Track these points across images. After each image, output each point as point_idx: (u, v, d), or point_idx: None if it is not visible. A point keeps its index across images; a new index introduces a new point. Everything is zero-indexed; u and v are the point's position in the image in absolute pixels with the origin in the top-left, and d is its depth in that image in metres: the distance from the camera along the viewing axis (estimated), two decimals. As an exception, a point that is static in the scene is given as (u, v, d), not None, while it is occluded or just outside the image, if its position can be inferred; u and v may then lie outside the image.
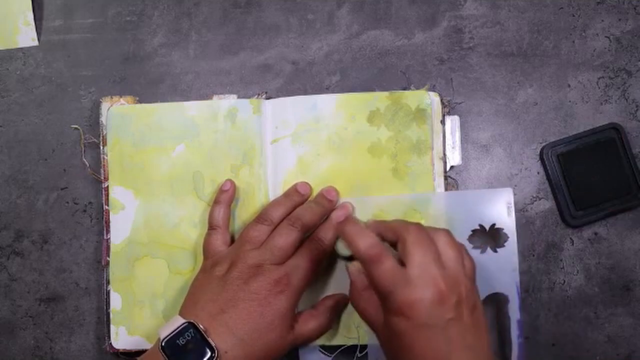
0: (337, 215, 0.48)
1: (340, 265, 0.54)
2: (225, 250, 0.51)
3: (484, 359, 0.42)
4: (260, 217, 0.52)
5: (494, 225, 0.53)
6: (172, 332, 0.45)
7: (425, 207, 0.53)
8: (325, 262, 0.53)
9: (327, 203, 0.53)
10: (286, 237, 0.49)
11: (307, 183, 0.54)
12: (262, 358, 0.47)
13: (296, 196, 0.53)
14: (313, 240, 0.51)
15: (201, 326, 0.45)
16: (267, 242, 0.50)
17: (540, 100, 0.56)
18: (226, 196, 0.54)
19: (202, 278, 0.50)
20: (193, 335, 0.45)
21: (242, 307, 0.47)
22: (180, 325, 0.45)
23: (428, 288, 0.41)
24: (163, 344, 0.45)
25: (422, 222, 0.53)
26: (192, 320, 0.46)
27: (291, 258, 0.49)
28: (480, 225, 0.53)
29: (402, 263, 0.43)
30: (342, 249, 0.49)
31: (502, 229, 0.52)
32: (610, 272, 0.55)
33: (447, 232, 0.44)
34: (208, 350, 0.44)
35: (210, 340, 0.45)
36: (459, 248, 0.44)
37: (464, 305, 0.42)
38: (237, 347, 0.45)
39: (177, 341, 0.45)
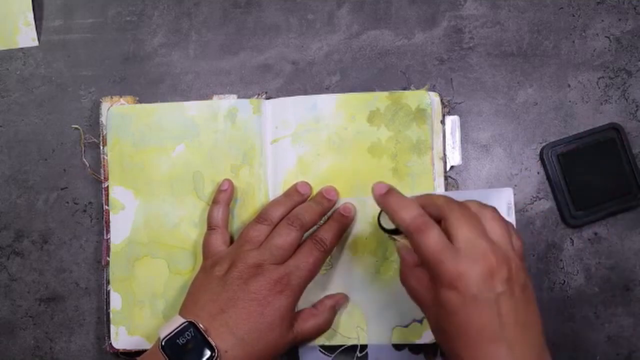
0: (378, 187, 0.45)
1: (341, 264, 0.54)
2: (225, 250, 0.51)
3: (537, 337, 0.40)
4: (260, 217, 0.52)
5: None
6: (172, 332, 0.45)
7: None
8: (325, 262, 0.53)
9: (327, 202, 0.53)
10: (285, 237, 0.49)
11: (307, 183, 0.54)
12: (262, 357, 0.47)
13: (296, 196, 0.53)
14: (314, 240, 0.51)
15: (201, 326, 0.45)
16: (266, 242, 0.50)
17: (540, 100, 0.56)
18: (225, 196, 0.54)
19: (202, 278, 0.50)
20: (193, 334, 0.45)
21: (242, 306, 0.47)
22: (180, 325, 0.45)
23: (477, 260, 0.39)
24: (163, 344, 0.45)
25: None
26: (192, 320, 0.46)
27: (291, 258, 0.49)
28: None
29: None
30: (386, 222, 0.47)
31: None
32: (610, 272, 0.55)
33: (494, 210, 0.43)
34: (208, 349, 0.44)
35: (210, 339, 0.45)
36: (507, 226, 0.42)
37: (515, 281, 0.40)
38: (237, 347, 0.45)
39: (177, 341, 0.45)
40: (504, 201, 0.53)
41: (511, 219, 0.52)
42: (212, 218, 0.53)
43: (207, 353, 0.44)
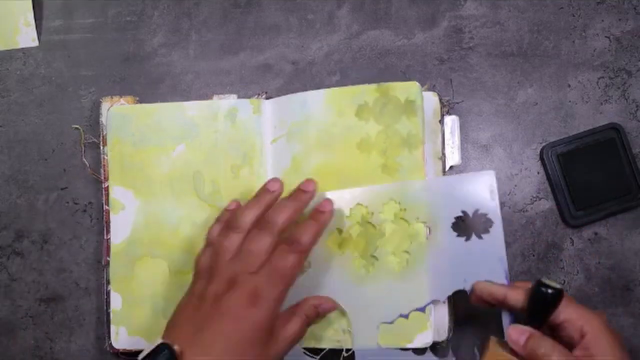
0: (515, 332, 0.46)
1: (324, 264, 0.52)
2: (205, 265, 0.49)
3: None
4: (231, 225, 0.49)
5: (477, 210, 0.51)
6: (147, 354, 0.43)
7: (404, 197, 0.52)
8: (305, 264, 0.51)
9: (303, 196, 0.50)
10: (257, 243, 0.47)
11: (277, 179, 0.51)
12: None
13: (267, 195, 0.50)
14: (288, 241, 0.47)
15: (176, 347, 0.43)
16: (239, 250, 0.47)
17: (540, 100, 0.56)
18: (229, 216, 0.52)
19: (185, 297, 0.48)
20: (169, 357, 0.43)
21: (217, 324, 0.44)
22: (156, 347, 0.43)
23: None
24: None
25: (404, 213, 0.52)
26: (166, 342, 0.43)
27: (266, 266, 0.46)
28: (464, 212, 0.51)
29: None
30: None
31: (486, 214, 0.51)
32: (610, 272, 0.55)
33: None
34: None
35: None
36: None
37: None
38: None
39: None
40: (486, 185, 0.50)
41: (494, 203, 0.50)
42: (210, 235, 0.50)
43: None
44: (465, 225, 0.51)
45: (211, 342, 0.44)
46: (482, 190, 0.51)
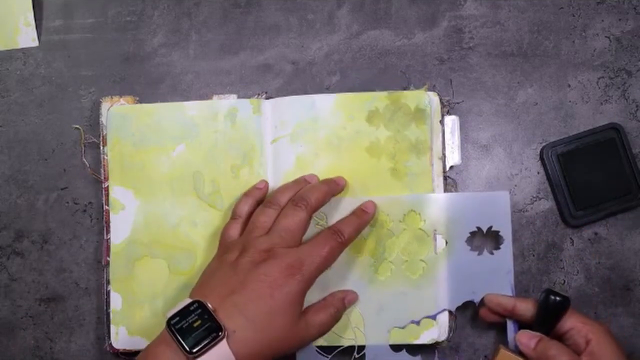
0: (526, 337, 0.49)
1: (340, 264, 0.54)
2: (238, 238, 0.51)
3: None
4: (268, 202, 0.52)
5: (491, 227, 0.53)
6: (179, 310, 0.45)
7: (425, 208, 0.53)
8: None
9: (334, 185, 0.53)
10: (292, 218, 0.49)
11: (315, 175, 0.55)
12: (273, 344, 0.46)
13: (304, 184, 0.54)
14: (332, 230, 0.50)
15: (209, 305, 0.45)
16: (274, 225, 0.50)
17: (540, 100, 0.56)
18: (258, 193, 0.54)
19: (214, 264, 0.50)
20: (200, 313, 0.44)
21: (252, 288, 0.46)
22: (188, 303, 0.45)
23: None
24: (170, 321, 0.44)
25: (423, 224, 0.53)
26: (199, 299, 0.45)
27: (307, 244, 0.49)
28: (478, 228, 0.53)
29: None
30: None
31: (499, 232, 0.53)
32: (610, 272, 0.55)
33: None
34: (216, 328, 0.44)
35: (217, 318, 0.44)
36: None
37: None
38: (246, 328, 0.44)
39: (185, 319, 0.44)
40: (501, 204, 0.53)
41: (507, 221, 0.53)
42: (237, 208, 0.53)
43: (215, 332, 0.43)
44: (479, 240, 0.54)
45: (245, 304, 0.45)
46: (496, 208, 0.53)
